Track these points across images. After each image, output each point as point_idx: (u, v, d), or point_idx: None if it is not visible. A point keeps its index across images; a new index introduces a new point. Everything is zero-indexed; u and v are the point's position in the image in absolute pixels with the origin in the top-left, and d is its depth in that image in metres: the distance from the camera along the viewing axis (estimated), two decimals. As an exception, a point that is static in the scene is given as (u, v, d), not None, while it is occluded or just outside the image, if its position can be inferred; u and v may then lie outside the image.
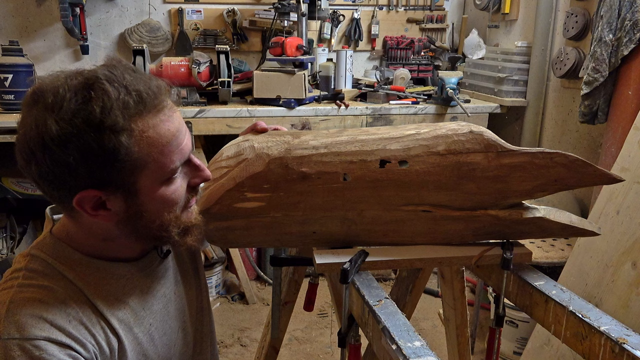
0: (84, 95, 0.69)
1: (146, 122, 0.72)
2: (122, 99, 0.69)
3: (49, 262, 0.80)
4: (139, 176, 0.74)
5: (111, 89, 0.69)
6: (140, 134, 0.71)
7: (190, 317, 0.99)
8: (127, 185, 0.74)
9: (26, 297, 0.75)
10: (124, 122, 0.69)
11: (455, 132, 0.95)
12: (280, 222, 0.99)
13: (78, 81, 0.70)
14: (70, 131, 0.68)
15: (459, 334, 1.41)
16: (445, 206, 0.97)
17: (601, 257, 1.73)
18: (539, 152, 0.93)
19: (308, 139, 0.99)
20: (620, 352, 0.79)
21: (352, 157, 0.96)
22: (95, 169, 0.70)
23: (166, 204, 0.79)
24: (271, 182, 0.95)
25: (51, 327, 0.74)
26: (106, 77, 0.70)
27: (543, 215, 0.98)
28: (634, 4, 2.01)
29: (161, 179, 0.76)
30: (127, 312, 0.84)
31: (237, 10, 3.20)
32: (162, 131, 0.73)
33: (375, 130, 1.01)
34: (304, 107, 2.69)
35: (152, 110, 0.72)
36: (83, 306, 0.78)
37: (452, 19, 3.55)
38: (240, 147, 0.99)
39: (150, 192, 0.76)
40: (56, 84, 0.71)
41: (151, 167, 0.74)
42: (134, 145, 0.71)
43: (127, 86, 0.70)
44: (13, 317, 0.73)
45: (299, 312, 1.53)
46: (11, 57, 2.48)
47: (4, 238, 2.88)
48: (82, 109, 0.68)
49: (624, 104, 2.08)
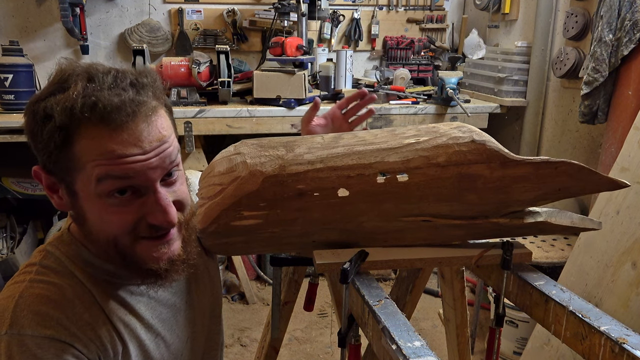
0: (65, 85, 0.72)
1: (89, 130, 0.70)
2: (74, 99, 0.70)
3: (62, 260, 0.80)
4: (76, 178, 0.73)
5: (79, 88, 0.71)
6: (81, 138, 0.71)
7: (201, 327, 0.97)
8: (67, 182, 0.75)
9: (35, 292, 0.76)
10: (63, 120, 0.70)
11: (456, 142, 0.92)
12: (279, 236, 0.97)
13: (76, 70, 0.74)
14: (33, 109, 0.73)
15: (459, 334, 1.41)
16: (445, 216, 0.96)
17: (601, 257, 1.73)
18: (543, 162, 0.90)
19: (302, 152, 0.96)
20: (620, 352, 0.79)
21: (349, 172, 0.93)
22: (40, 152, 0.74)
23: (102, 222, 0.76)
24: (267, 200, 0.92)
25: (56, 326, 0.74)
26: (90, 76, 0.72)
27: (545, 219, 0.97)
28: (634, 4, 2.01)
29: (94, 190, 0.73)
30: (134, 318, 0.83)
31: (237, 10, 3.20)
32: (104, 146, 0.71)
33: (373, 139, 0.98)
34: (304, 107, 2.68)
35: (102, 122, 0.70)
36: (91, 307, 0.78)
37: (452, 19, 3.55)
38: (232, 162, 0.96)
39: (87, 200, 0.75)
40: (66, 65, 0.75)
41: (85, 174, 0.72)
42: (73, 145, 0.71)
43: (94, 91, 0.70)
44: (20, 312, 0.73)
45: (299, 312, 1.53)
46: (11, 57, 2.48)
47: (4, 238, 2.88)
48: (50, 95, 0.72)
49: (624, 104, 2.08)
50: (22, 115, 0.76)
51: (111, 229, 0.76)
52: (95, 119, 0.70)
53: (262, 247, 1.00)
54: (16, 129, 2.32)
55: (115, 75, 0.73)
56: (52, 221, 3.08)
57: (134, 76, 0.74)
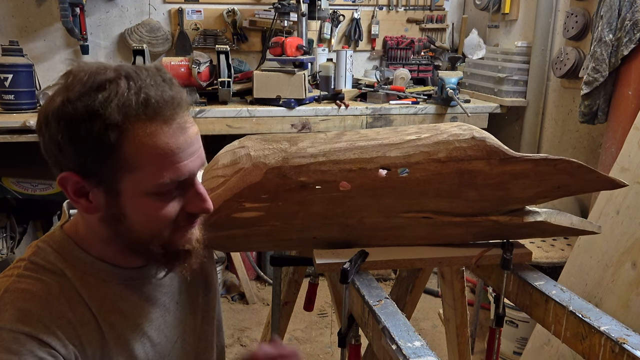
0: (100, 85, 0.69)
1: (144, 127, 0.70)
2: (126, 96, 0.69)
3: (52, 257, 0.80)
4: (123, 177, 0.72)
5: (123, 85, 0.69)
6: (134, 136, 0.70)
7: (193, 328, 0.97)
8: (109, 183, 0.73)
9: (21, 287, 0.76)
10: (118, 118, 0.68)
11: (456, 138, 0.93)
12: (279, 230, 0.98)
13: (105, 71, 0.71)
14: (69, 111, 0.69)
15: (459, 334, 1.41)
16: (445, 213, 0.97)
17: (601, 257, 1.73)
18: (542, 159, 0.91)
19: (305, 145, 0.97)
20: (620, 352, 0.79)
21: (351, 165, 0.94)
22: (80, 154, 0.71)
23: (149, 218, 0.76)
24: (269, 192, 0.93)
25: (36, 323, 0.73)
26: (127, 74, 0.71)
27: (544, 219, 0.98)
28: (634, 4, 2.01)
29: (146, 189, 0.73)
30: (120, 317, 0.83)
31: (237, 10, 3.19)
32: (160, 143, 0.71)
33: (375, 135, 0.99)
34: (304, 107, 2.69)
35: (156, 118, 0.71)
36: (76, 306, 0.78)
37: (452, 19, 3.55)
38: (236, 154, 0.97)
39: (133, 199, 0.74)
40: (86, 69, 0.72)
41: (138, 173, 0.72)
42: (124, 144, 0.70)
43: (141, 87, 0.70)
44: (3, 307, 0.73)
45: (299, 312, 1.53)
46: (11, 57, 2.48)
47: (4, 238, 2.88)
48: (87, 94, 0.69)
49: (624, 104, 2.08)
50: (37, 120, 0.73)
51: (157, 225, 0.77)
52: (149, 114, 0.70)
53: (262, 242, 1.00)
54: (16, 129, 2.32)
55: (148, 73, 0.73)
56: (52, 221, 3.07)
57: (160, 72, 0.75)
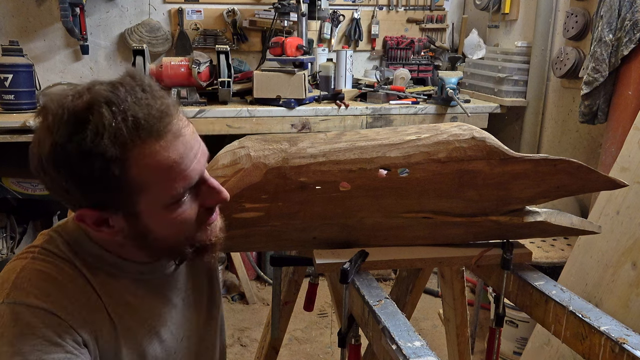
0: (82, 119, 0.67)
1: (142, 150, 0.69)
2: (115, 126, 0.67)
3: (63, 247, 0.81)
4: (138, 199, 0.73)
5: (107, 115, 0.67)
6: (136, 162, 0.69)
7: (197, 327, 0.98)
8: (127, 207, 0.73)
9: (37, 268, 0.77)
10: (114, 151, 0.67)
11: (456, 139, 0.93)
12: (279, 230, 0.98)
13: (82, 101, 0.68)
14: (63, 157, 0.68)
15: (459, 334, 1.41)
16: (445, 213, 0.96)
17: (601, 257, 1.73)
18: (542, 159, 0.91)
19: (305, 146, 0.97)
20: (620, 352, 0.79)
21: (351, 166, 0.94)
22: (89, 193, 0.71)
23: (173, 227, 0.77)
24: (269, 192, 0.93)
25: (54, 301, 0.74)
26: (107, 100, 0.68)
27: (544, 219, 0.98)
28: (634, 4, 2.01)
29: (163, 203, 0.74)
30: (128, 310, 0.84)
31: (237, 10, 3.19)
32: (162, 158, 0.71)
33: (375, 135, 0.99)
34: (304, 107, 2.69)
35: (150, 137, 0.70)
36: (89, 293, 0.79)
37: (452, 19, 3.55)
38: (236, 155, 0.97)
39: (153, 215, 0.75)
40: (61, 102, 0.69)
41: (150, 192, 0.72)
42: (128, 171, 0.69)
43: (125, 111, 0.68)
44: (21, 284, 0.75)
45: (299, 312, 1.53)
46: (11, 57, 2.48)
47: (4, 238, 2.88)
48: (75, 134, 0.67)
49: (624, 104, 2.08)
50: (33, 165, 0.72)
51: (183, 229, 0.78)
52: (143, 137, 0.69)
53: (262, 242, 1.01)
54: (16, 129, 2.32)
55: (126, 89, 0.70)
56: (52, 221, 3.07)
57: (136, 80, 0.73)
